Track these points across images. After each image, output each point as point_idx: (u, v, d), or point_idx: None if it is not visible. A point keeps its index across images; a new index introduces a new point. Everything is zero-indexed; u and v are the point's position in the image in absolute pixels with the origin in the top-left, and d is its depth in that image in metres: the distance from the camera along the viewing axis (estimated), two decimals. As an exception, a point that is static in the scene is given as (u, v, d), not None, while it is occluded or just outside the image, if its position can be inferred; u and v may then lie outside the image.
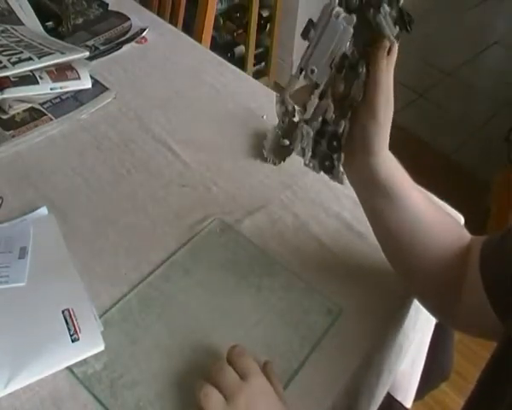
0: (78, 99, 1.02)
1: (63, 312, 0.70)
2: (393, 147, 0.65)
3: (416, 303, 0.80)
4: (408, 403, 0.93)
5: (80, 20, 1.20)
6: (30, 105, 0.99)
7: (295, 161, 0.95)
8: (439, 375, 0.95)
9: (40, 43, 1.06)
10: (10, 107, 0.97)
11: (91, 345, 0.67)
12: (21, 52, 1.01)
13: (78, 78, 1.03)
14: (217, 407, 0.60)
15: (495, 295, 0.61)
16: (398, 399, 0.91)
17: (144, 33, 1.19)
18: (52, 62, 1.01)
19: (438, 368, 0.94)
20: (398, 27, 0.64)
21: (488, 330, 0.64)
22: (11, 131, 0.95)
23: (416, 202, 0.68)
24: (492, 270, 0.63)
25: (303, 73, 0.64)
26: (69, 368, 0.66)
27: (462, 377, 0.62)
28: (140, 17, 1.24)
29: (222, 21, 2.43)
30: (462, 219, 0.86)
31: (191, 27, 1.47)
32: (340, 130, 0.65)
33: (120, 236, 0.81)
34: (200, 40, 1.41)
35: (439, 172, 2.20)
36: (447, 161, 2.34)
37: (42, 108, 0.99)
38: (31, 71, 0.99)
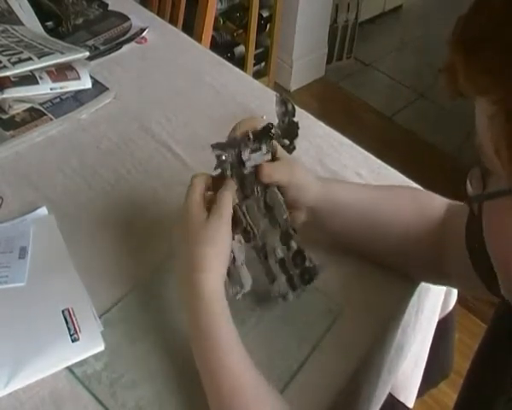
0: (78, 99, 1.02)
1: (63, 312, 0.70)
2: (394, 147, 0.65)
3: (416, 303, 0.80)
4: (410, 403, 0.93)
5: (80, 20, 1.20)
6: (30, 105, 0.99)
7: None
8: (438, 373, 0.95)
9: (40, 44, 1.06)
10: (10, 107, 0.97)
11: (91, 345, 0.67)
12: (21, 52, 1.01)
13: (78, 78, 1.03)
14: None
15: (481, 268, 0.62)
16: (401, 399, 0.91)
17: (144, 33, 1.19)
18: (52, 62, 1.01)
19: (438, 367, 0.94)
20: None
21: (485, 294, 0.65)
22: (11, 131, 0.95)
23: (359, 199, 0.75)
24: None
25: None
26: (69, 368, 0.66)
27: (461, 377, 0.62)
28: (140, 17, 1.24)
29: (222, 21, 2.43)
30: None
31: (191, 27, 1.47)
32: (295, 246, 0.70)
33: (120, 236, 0.81)
34: (200, 40, 1.41)
35: (440, 172, 2.20)
36: (447, 161, 2.34)
37: (42, 108, 0.99)
38: (31, 71, 0.99)
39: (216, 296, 0.63)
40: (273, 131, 0.71)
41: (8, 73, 0.97)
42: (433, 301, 0.87)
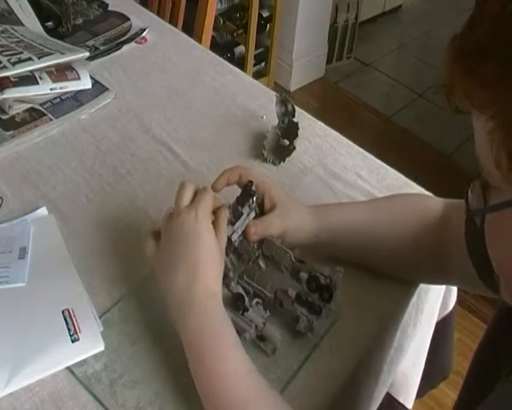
0: (78, 99, 1.02)
1: (63, 312, 0.70)
2: (394, 147, 0.65)
3: (416, 303, 0.81)
4: (409, 404, 0.93)
5: (80, 21, 1.20)
6: (30, 105, 0.99)
7: (295, 160, 0.96)
8: (438, 374, 0.95)
9: (40, 44, 1.06)
10: (10, 107, 0.97)
11: (91, 345, 0.67)
12: (21, 52, 1.01)
13: (78, 78, 1.03)
14: (151, 250, 0.67)
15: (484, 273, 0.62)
16: (400, 400, 0.91)
17: (144, 33, 1.19)
18: (52, 63, 1.02)
19: (437, 368, 0.94)
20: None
21: (486, 291, 0.64)
22: (11, 132, 0.95)
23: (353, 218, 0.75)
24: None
25: None
26: (69, 368, 0.66)
27: (461, 377, 0.62)
28: (140, 17, 1.24)
29: (222, 21, 2.43)
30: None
31: (191, 27, 1.47)
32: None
33: (120, 236, 0.81)
34: (200, 40, 1.41)
35: (439, 172, 2.20)
36: (447, 161, 2.34)
37: (42, 109, 0.99)
38: (31, 71, 0.99)
39: (219, 299, 0.63)
40: (253, 188, 0.70)
41: (8, 74, 0.97)
42: (433, 302, 0.87)
